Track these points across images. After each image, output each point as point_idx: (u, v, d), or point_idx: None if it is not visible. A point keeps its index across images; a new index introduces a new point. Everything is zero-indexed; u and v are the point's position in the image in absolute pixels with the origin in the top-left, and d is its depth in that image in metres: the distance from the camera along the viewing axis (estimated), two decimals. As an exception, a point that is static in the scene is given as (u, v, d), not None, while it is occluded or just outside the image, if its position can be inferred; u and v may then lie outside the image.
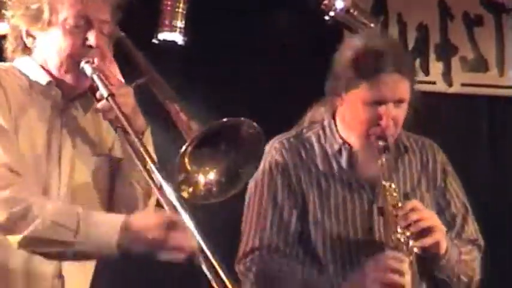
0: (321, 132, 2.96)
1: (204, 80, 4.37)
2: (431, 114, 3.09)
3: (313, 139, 2.95)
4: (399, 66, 2.79)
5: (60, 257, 2.39)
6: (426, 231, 2.72)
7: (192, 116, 2.45)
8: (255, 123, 2.45)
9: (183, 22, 4.31)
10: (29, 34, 2.51)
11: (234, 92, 4.40)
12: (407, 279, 2.64)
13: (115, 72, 2.55)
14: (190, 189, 2.42)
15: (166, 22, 4.31)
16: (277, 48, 4.52)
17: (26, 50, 2.54)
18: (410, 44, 4.88)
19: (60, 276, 2.50)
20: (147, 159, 2.36)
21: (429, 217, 2.75)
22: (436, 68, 4.90)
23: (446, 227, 2.84)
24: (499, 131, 4.94)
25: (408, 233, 2.70)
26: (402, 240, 2.69)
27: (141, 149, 2.38)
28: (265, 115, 2.99)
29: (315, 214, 2.86)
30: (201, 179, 2.45)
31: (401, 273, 2.64)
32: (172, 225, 2.27)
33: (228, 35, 4.49)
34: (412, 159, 2.99)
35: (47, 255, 2.38)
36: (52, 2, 2.46)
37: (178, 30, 4.32)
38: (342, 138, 2.91)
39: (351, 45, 2.87)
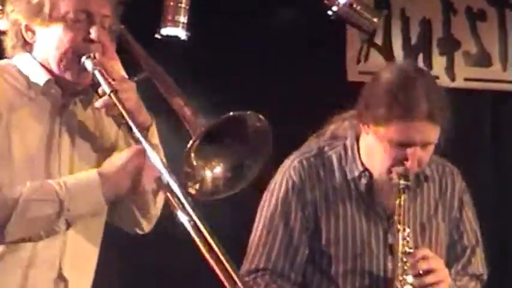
0: (342, 152, 2.92)
1: (207, 75, 4.37)
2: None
3: (334, 159, 2.92)
4: (432, 113, 2.72)
5: (51, 232, 2.38)
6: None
7: (196, 110, 2.43)
8: (261, 116, 2.43)
9: (186, 17, 4.32)
10: (28, 29, 2.47)
11: (236, 86, 4.40)
12: None
13: (117, 67, 2.52)
14: (197, 186, 2.41)
15: (169, 17, 4.31)
16: (279, 42, 4.52)
17: (26, 45, 2.49)
18: (413, 39, 4.87)
19: (63, 279, 2.48)
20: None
21: (437, 268, 2.76)
22: (439, 62, 4.90)
23: (455, 259, 2.91)
24: (502, 125, 4.94)
25: (416, 283, 2.72)
26: (410, 285, 2.72)
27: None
28: (267, 109, 3.00)
29: (328, 238, 2.85)
30: (208, 174, 2.42)
31: None
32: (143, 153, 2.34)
33: (230, 30, 4.49)
34: (430, 187, 2.97)
35: (38, 237, 2.37)
36: None
37: (181, 25, 4.33)
38: (363, 164, 2.87)
39: (386, 80, 2.78)
